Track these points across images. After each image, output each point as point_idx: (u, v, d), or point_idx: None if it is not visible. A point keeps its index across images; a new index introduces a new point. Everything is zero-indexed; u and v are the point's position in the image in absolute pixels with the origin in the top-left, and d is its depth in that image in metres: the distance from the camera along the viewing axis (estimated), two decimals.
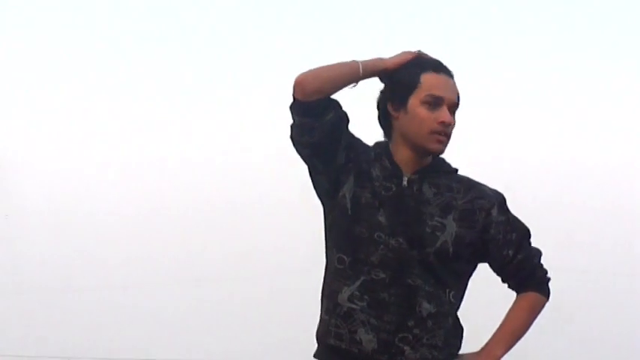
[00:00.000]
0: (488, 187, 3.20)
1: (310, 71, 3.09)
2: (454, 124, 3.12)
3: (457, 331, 3.17)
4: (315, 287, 3.33)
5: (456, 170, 3.20)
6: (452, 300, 3.12)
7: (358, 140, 3.19)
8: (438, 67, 3.13)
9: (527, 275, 3.20)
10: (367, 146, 3.20)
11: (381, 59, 3.14)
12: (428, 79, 3.11)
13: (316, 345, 3.20)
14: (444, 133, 3.09)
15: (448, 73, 3.13)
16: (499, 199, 3.18)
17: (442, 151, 3.12)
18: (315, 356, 3.19)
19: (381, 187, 3.12)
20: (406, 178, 3.12)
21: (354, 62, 3.12)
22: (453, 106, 3.12)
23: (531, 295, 3.21)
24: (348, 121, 3.16)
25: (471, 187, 3.17)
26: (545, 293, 3.23)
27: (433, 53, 3.15)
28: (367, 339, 3.06)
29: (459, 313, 3.20)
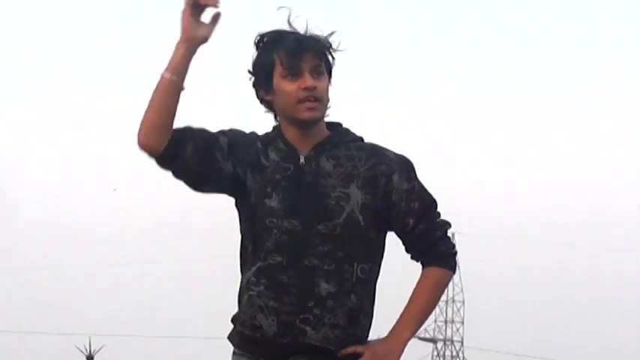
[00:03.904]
0: (393, 153, 3.15)
1: (141, 125, 2.99)
2: (325, 85, 3.08)
3: (366, 310, 3.13)
4: None
5: (361, 139, 3.17)
6: (360, 274, 3.08)
7: (237, 137, 3.12)
8: (288, 36, 3.09)
9: (428, 247, 3.12)
10: (252, 136, 3.15)
11: (176, 45, 3.00)
12: (282, 53, 3.06)
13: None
14: (312, 98, 3.05)
15: (304, 40, 3.08)
16: (402, 165, 3.13)
17: (316, 118, 3.07)
18: (228, 337, 3.20)
19: (278, 169, 3.09)
20: (303, 156, 3.10)
21: (161, 75, 3.00)
22: (316, 68, 3.07)
23: (434, 271, 3.12)
24: (208, 133, 3.08)
25: (374, 153, 3.12)
26: (450, 267, 3.14)
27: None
28: (267, 323, 3.05)
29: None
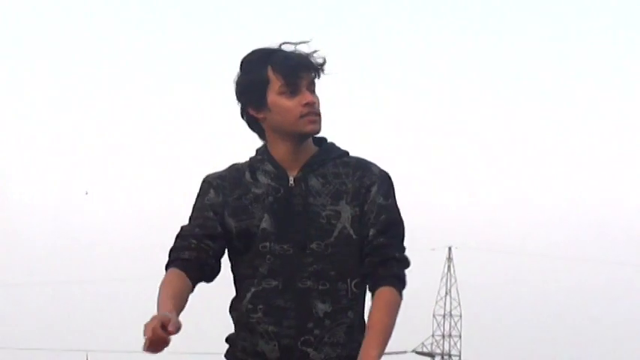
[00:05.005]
0: (377, 168, 3.18)
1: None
2: (319, 100, 3.13)
3: (361, 325, 3.10)
4: None
5: (347, 153, 3.20)
6: (354, 290, 3.08)
7: (215, 190, 3.15)
8: (282, 53, 3.11)
9: (381, 262, 3.08)
10: (236, 173, 3.17)
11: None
12: (276, 70, 3.09)
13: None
14: (313, 113, 3.09)
15: (303, 58, 3.11)
16: (383, 181, 3.15)
17: (318, 130, 3.11)
18: (225, 356, 3.19)
19: (269, 192, 3.12)
20: (292, 178, 3.12)
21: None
22: (311, 85, 3.11)
23: (387, 292, 3.05)
24: (218, 238, 3.11)
25: (359, 167, 3.15)
26: (400, 290, 3.07)
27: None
28: (268, 349, 3.05)
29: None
